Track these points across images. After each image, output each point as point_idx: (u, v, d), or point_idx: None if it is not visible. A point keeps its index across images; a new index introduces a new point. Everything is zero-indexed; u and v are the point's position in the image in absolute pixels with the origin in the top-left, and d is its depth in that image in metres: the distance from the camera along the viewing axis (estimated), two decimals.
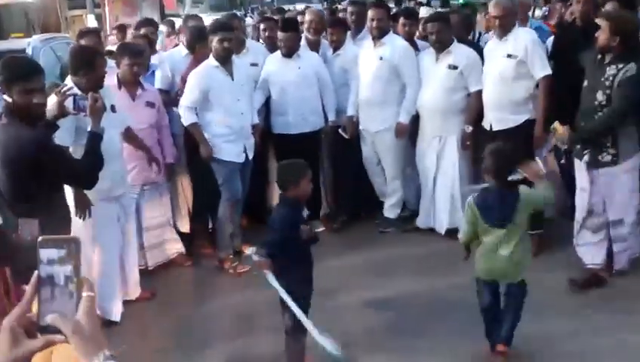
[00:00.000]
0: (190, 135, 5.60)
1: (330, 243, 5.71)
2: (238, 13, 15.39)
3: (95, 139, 3.96)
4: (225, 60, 5.51)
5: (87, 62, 4.46)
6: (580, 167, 4.86)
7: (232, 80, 5.56)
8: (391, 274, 5.39)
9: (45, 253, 1.21)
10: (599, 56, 4.64)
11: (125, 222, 4.93)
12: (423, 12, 8.49)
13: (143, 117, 5.35)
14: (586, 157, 4.72)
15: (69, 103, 4.02)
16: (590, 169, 4.74)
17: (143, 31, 6.66)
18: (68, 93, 4.03)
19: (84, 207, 4.38)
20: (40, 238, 1.22)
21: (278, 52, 6.13)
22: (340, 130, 6.22)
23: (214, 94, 5.50)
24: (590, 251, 4.94)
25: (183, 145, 5.84)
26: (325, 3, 26.71)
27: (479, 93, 5.65)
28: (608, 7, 5.22)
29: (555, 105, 5.23)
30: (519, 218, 3.86)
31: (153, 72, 6.03)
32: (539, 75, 5.31)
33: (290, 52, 6.04)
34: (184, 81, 5.65)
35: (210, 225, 6.06)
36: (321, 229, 6.29)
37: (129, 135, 5.08)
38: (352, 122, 6.20)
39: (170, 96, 5.89)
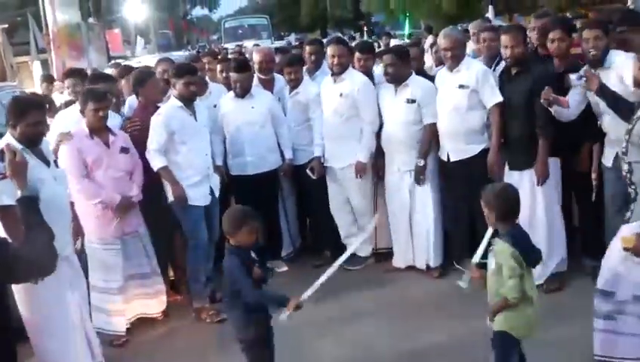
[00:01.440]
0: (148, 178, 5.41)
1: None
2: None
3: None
4: (189, 102, 5.44)
5: (18, 113, 4.02)
6: None
7: (196, 120, 5.47)
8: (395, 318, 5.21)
9: None
10: None
11: (77, 284, 4.38)
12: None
13: (120, 164, 5.15)
14: None
15: None
16: None
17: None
18: None
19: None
20: None
21: (231, 92, 6.09)
22: (307, 171, 6.13)
23: (179, 135, 5.38)
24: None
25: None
26: (271, 40, 26.89)
27: (434, 125, 5.64)
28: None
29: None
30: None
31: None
32: (491, 103, 5.33)
33: (244, 92, 6.00)
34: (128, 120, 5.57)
35: (171, 273, 5.92)
36: (283, 269, 6.21)
37: None
38: (318, 163, 6.11)
39: None
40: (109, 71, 8.35)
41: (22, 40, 19.69)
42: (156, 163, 5.36)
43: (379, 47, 14.00)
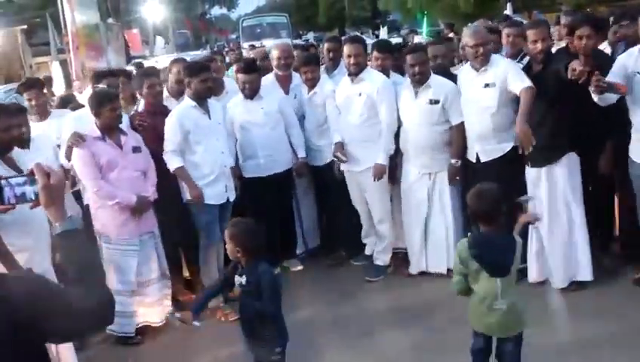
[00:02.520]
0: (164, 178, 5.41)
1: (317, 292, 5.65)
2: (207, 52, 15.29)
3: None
4: (203, 100, 5.42)
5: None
6: None
7: (210, 119, 5.46)
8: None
9: None
10: None
11: None
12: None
13: (133, 164, 5.14)
14: None
15: None
16: None
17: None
18: None
19: None
20: None
21: (240, 95, 6.00)
22: (334, 169, 6.05)
23: (194, 134, 5.38)
24: None
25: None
26: (291, 39, 26.71)
27: (462, 125, 5.50)
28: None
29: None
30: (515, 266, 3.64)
31: None
32: (521, 87, 5.01)
33: (252, 94, 5.92)
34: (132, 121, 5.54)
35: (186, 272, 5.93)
36: (298, 268, 6.21)
37: None
38: (341, 148, 5.88)
39: None
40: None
41: (42, 41, 19.86)
42: (173, 163, 5.38)
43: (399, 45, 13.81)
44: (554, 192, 5.14)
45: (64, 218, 2.23)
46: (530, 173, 5.24)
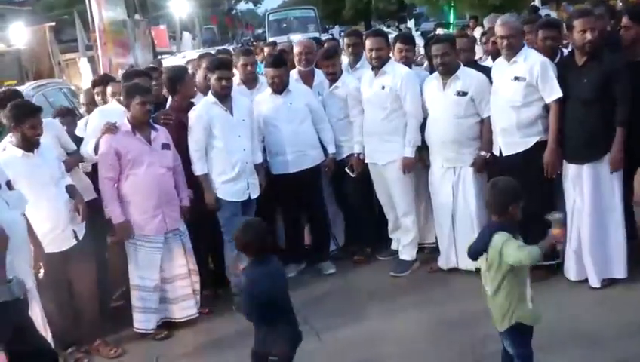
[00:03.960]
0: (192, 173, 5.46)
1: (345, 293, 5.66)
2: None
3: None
4: (223, 97, 5.38)
5: None
6: None
7: (232, 115, 5.43)
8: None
9: None
10: None
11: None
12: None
13: (162, 161, 5.16)
14: None
15: None
16: None
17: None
18: None
19: None
20: None
21: (268, 89, 5.93)
22: (346, 169, 6.01)
23: (215, 130, 5.37)
24: None
25: None
26: (319, 33, 26.41)
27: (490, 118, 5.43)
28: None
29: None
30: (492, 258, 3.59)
31: None
32: (550, 99, 5.04)
33: (280, 88, 5.86)
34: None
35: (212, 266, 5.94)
36: (330, 271, 6.12)
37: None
38: (358, 160, 5.98)
39: None
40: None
41: (70, 38, 20.04)
42: (197, 168, 5.41)
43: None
44: (597, 191, 4.97)
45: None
46: (570, 169, 5.06)
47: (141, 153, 5.05)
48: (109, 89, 5.90)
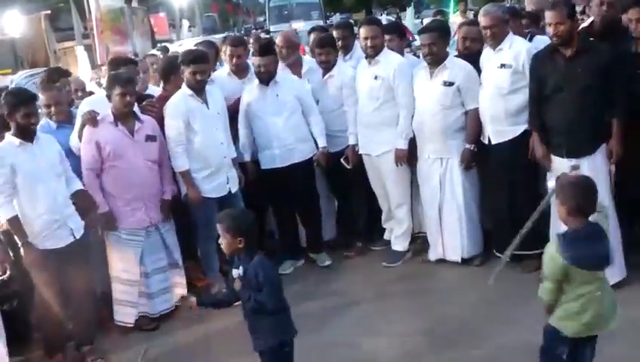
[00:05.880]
0: None
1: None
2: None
3: None
4: (199, 90, 5.27)
5: None
6: None
7: (208, 108, 5.31)
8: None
9: None
10: None
11: None
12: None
13: (145, 153, 5.06)
14: None
15: None
16: None
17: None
18: None
19: None
20: None
21: (256, 81, 5.73)
22: (341, 160, 5.89)
23: (195, 124, 5.24)
24: None
25: None
26: (323, 20, 25.81)
27: (477, 110, 5.35)
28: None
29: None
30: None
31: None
32: None
33: (268, 77, 5.65)
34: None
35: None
36: (327, 263, 6.03)
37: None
38: (353, 151, 5.86)
39: None
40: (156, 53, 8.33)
41: (66, 26, 19.93)
42: (179, 164, 5.26)
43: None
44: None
45: None
46: (563, 163, 4.75)
47: (122, 145, 4.95)
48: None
